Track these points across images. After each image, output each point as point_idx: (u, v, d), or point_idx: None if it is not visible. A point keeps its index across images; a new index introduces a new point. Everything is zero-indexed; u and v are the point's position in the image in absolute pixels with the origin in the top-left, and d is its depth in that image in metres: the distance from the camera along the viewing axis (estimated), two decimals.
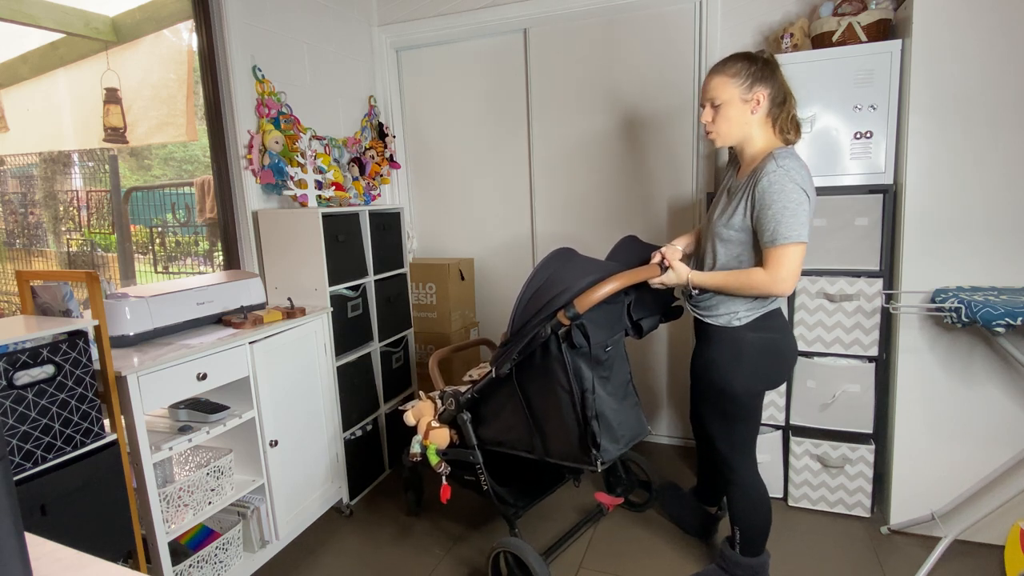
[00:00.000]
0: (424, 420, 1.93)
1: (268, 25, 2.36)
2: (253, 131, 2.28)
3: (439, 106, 3.07)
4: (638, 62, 2.64)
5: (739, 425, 1.62)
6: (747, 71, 1.48)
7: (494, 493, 1.85)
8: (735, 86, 1.48)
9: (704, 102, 1.55)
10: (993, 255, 1.85)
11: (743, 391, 1.57)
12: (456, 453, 1.88)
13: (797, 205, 1.40)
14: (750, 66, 1.49)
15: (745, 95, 1.49)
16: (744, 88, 1.48)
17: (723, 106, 1.50)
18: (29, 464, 1.26)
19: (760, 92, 1.48)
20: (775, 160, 1.43)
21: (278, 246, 2.28)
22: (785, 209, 1.39)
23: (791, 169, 1.41)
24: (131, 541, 1.47)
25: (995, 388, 1.89)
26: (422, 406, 1.97)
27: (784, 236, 1.40)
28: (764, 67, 1.49)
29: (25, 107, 2.09)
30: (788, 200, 1.40)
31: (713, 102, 1.52)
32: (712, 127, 1.54)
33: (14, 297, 1.78)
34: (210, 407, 1.80)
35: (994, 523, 1.92)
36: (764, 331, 1.56)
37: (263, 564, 1.96)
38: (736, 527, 1.70)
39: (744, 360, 1.56)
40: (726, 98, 1.49)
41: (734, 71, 1.49)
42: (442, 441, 1.88)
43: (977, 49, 1.78)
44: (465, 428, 1.84)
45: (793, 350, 1.64)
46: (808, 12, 2.27)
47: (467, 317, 3.01)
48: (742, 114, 1.50)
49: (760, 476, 1.70)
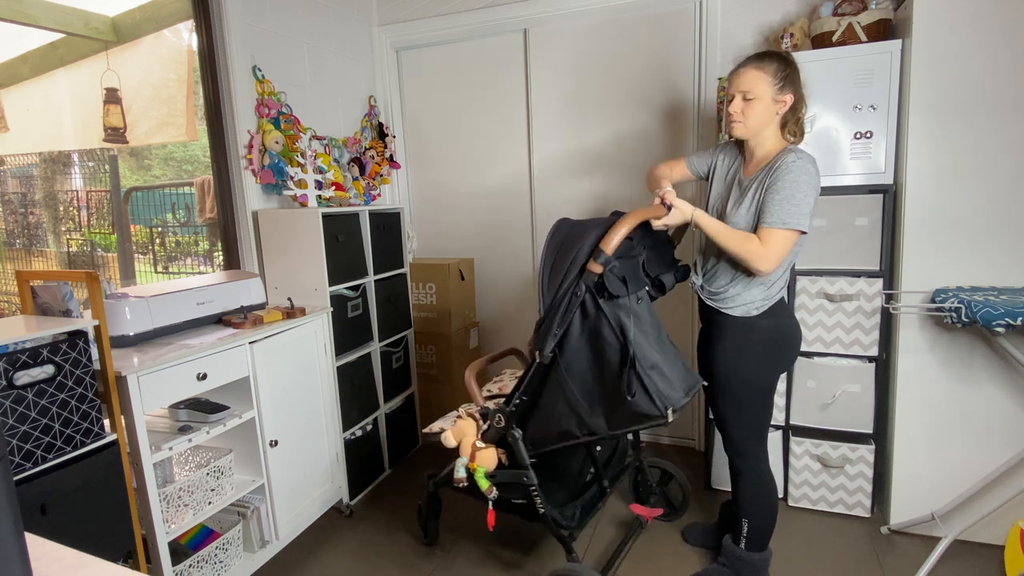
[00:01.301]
0: (467, 440, 1.74)
1: (268, 25, 2.36)
2: (253, 131, 2.28)
3: (439, 106, 3.07)
4: (638, 62, 2.64)
5: (755, 411, 1.66)
6: (783, 72, 1.52)
7: (550, 516, 1.70)
8: (770, 85, 1.52)
9: (735, 93, 1.56)
10: (993, 255, 1.85)
11: (759, 376, 1.63)
12: (507, 475, 1.70)
13: (804, 196, 1.46)
14: (785, 68, 1.52)
15: (777, 95, 1.53)
16: (777, 89, 1.52)
17: (755, 101, 1.53)
18: (29, 464, 1.26)
19: (789, 95, 1.53)
20: (794, 152, 1.51)
21: (278, 246, 2.28)
22: (794, 196, 1.46)
23: (808, 163, 1.49)
24: (131, 541, 1.47)
25: (995, 388, 1.89)
26: (462, 425, 1.77)
27: (784, 221, 1.46)
28: (794, 72, 1.54)
29: (25, 107, 2.09)
30: (797, 189, 1.46)
31: (746, 95, 1.54)
32: (741, 117, 1.56)
33: (14, 297, 1.78)
34: (210, 407, 1.80)
35: (994, 523, 1.92)
36: (774, 317, 1.61)
37: (263, 564, 1.96)
38: (745, 519, 1.71)
39: (759, 347, 1.61)
40: (760, 94, 1.52)
41: (772, 70, 1.52)
42: (490, 463, 1.71)
43: (977, 49, 1.78)
44: (517, 447, 1.68)
45: (799, 332, 1.69)
46: (808, 12, 2.27)
47: (467, 317, 3.01)
48: (769, 112, 1.54)
49: (771, 468, 1.72)
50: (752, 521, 1.70)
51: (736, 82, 1.56)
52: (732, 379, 1.65)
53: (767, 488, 1.70)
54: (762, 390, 1.65)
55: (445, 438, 1.78)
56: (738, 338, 1.63)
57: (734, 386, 1.66)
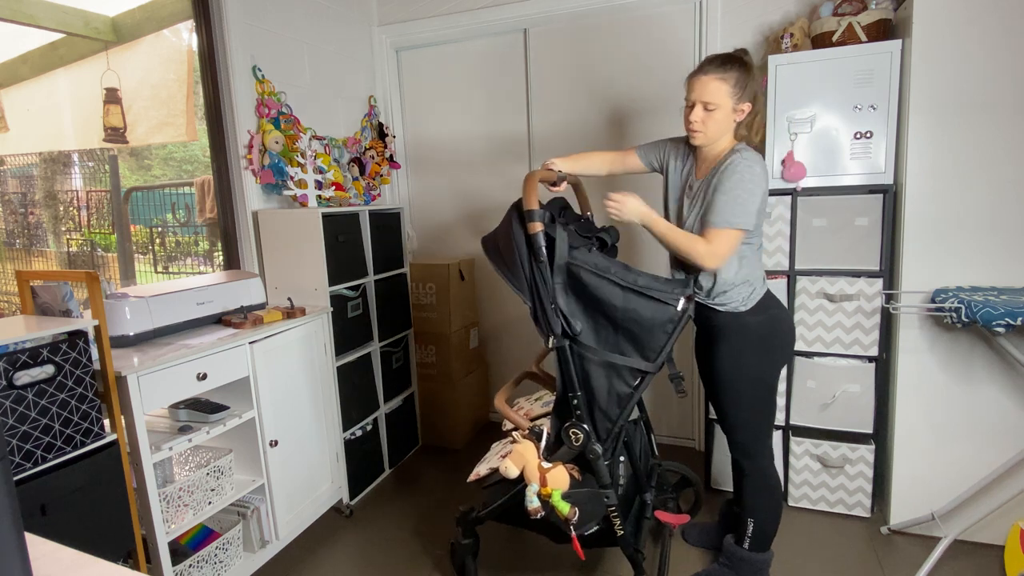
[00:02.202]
0: (532, 464, 1.58)
1: (268, 25, 2.36)
2: (253, 131, 2.28)
3: (439, 106, 3.07)
4: (638, 62, 2.64)
5: (759, 410, 1.67)
6: (743, 81, 1.50)
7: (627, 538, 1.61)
8: (731, 95, 1.50)
9: (696, 101, 1.54)
10: (993, 255, 1.85)
11: (761, 372, 1.63)
12: (583, 495, 1.56)
13: (749, 195, 1.48)
14: (746, 76, 1.51)
15: (737, 104, 1.52)
16: (737, 98, 1.51)
17: (716, 111, 1.52)
18: (29, 464, 1.26)
19: (747, 103, 1.53)
20: (739, 153, 1.52)
21: (278, 246, 2.28)
22: (739, 196, 1.47)
23: (754, 162, 1.50)
24: (131, 541, 1.47)
25: (995, 388, 1.89)
26: (521, 449, 1.61)
27: (728, 221, 1.49)
28: (753, 78, 1.53)
29: (25, 107, 2.09)
30: (743, 188, 1.47)
31: (707, 106, 1.52)
32: (702, 127, 1.55)
33: (14, 297, 1.78)
34: (210, 407, 1.80)
35: (994, 523, 1.92)
36: (765, 311, 1.62)
37: (263, 564, 1.96)
38: (750, 519, 1.71)
39: (756, 343, 1.62)
40: (721, 103, 1.51)
41: (734, 79, 1.50)
42: (563, 482, 1.56)
43: (977, 49, 1.78)
44: (598, 464, 1.55)
45: (792, 323, 1.70)
46: (808, 12, 2.27)
47: (467, 317, 3.01)
48: (729, 121, 1.54)
49: (776, 467, 1.72)
50: (757, 521, 1.70)
51: (698, 90, 1.53)
52: (734, 378, 1.65)
53: (772, 485, 1.70)
54: (765, 386, 1.65)
55: (505, 469, 1.61)
56: (734, 338, 1.63)
57: (737, 385, 1.66)
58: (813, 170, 2.07)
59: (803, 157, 2.07)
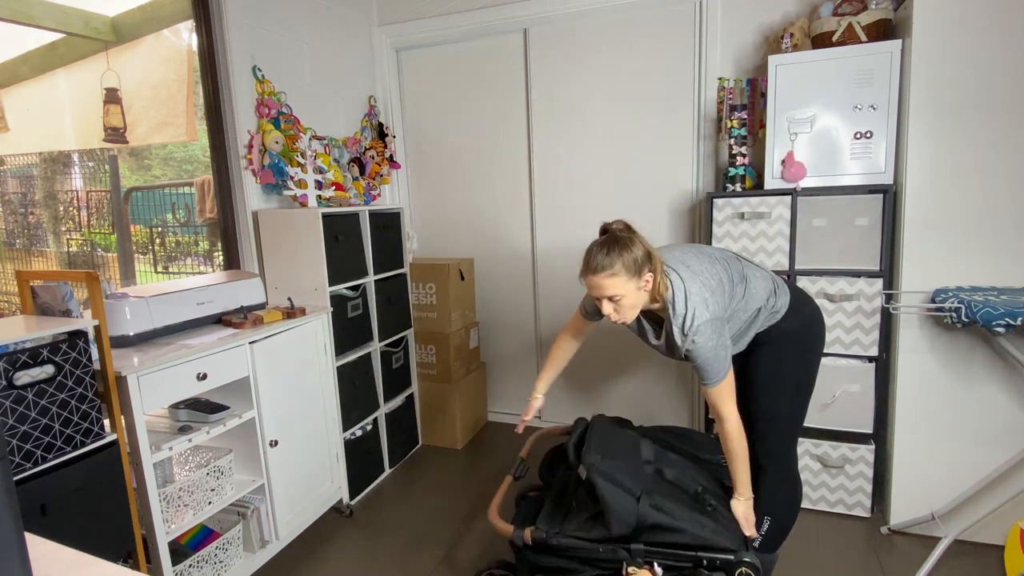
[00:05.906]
0: None
1: (268, 25, 2.36)
2: (253, 131, 2.28)
3: (439, 106, 3.07)
4: (638, 62, 2.64)
5: (798, 410, 1.67)
6: (633, 264, 1.47)
7: None
8: (629, 280, 1.48)
9: (600, 297, 1.53)
10: (993, 255, 1.85)
11: (805, 372, 1.65)
12: None
13: (717, 347, 1.47)
14: (631, 256, 1.48)
15: (638, 283, 1.50)
16: (636, 278, 1.49)
17: (623, 298, 1.51)
18: (29, 464, 1.26)
19: (648, 272, 1.50)
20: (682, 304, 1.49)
21: (278, 246, 2.28)
22: (714, 356, 1.48)
23: (702, 312, 1.47)
24: (131, 541, 1.47)
25: (995, 388, 1.89)
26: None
27: (714, 380, 1.50)
28: (639, 245, 1.49)
29: (25, 107, 2.09)
30: (708, 348, 1.47)
31: (612, 298, 1.51)
32: (619, 315, 1.54)
33: (14, 297, 1.78)
34: (210, 407, 1.80)
35: (994, 523, 1.92)
36: (797, 316, 1.62)
37: (263, 564, 1.96)
38: (768, 517, 1.70)
39: (795, 346, 1.63)
40: (625, 291, 1.49)
41: (624, 267, 1.47)
42: None
43: (977, 49, 1.78)
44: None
45: (821, 314, 1.69)
46: (808, 12, 2.27)
47: (467, 317, 3.01)
48: (640, 296, 1.52)
49: (799, 471, 1.73)
50: (776, 519, 1.69)
51: (597, 288, 1.51)
52: (778, 381, 1.65)
53: (796, 485, 1.71)
54: (808, 384, 1.66)
55: None
56: (773, 344, 1.64)
57: (783, 385, 1.66)
58: (813, 170, 2.07)
59: (803, 157, 2.07)
